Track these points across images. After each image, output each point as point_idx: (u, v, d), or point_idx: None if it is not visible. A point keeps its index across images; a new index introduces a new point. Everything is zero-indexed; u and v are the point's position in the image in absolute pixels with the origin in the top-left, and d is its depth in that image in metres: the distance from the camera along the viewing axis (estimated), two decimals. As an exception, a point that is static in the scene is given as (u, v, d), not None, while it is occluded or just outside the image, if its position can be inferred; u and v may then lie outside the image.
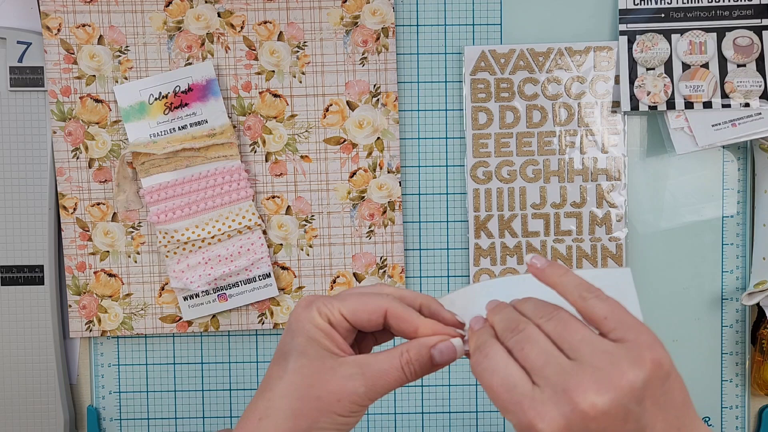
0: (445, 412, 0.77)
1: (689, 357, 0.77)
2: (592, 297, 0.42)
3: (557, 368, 0.40)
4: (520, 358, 0.41)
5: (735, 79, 0.72)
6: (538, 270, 0.44)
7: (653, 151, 0.76)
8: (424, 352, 0.46)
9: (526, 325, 0.42)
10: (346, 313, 0.46)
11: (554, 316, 0.42)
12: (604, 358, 0.39)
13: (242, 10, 0.73)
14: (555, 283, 0.44)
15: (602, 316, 0.41)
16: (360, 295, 0.47)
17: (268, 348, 0.77)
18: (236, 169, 0.73)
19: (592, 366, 0.39)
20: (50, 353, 0.74)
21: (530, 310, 0.43)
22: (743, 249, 0.76)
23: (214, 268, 0.73)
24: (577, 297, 0.42)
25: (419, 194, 0.76)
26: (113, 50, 0.73)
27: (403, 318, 0.46)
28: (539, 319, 0.42)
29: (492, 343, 0.43)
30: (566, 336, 0.41)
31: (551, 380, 0.39)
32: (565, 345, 0.41)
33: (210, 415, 0.77)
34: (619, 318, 0.41)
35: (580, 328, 0.41)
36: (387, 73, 0.73)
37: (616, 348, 0.40)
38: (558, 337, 0.41)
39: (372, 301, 0.47)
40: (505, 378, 0.41)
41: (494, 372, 0.41)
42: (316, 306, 0.46)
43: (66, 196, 0.74)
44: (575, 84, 0.74)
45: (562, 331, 0.41)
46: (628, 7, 0.73)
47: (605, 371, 0.39)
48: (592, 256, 0.75)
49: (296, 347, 0.46)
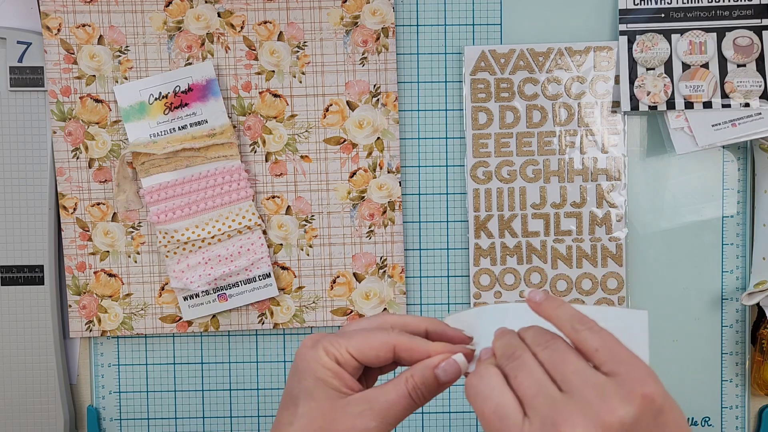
0: (445, 412, 0.77)
1: (689, 357, 0.77)
2: (584, 329, 0.42)
3: (548, 399, 0.39)
4: (514, 386, 0.41)
5: (735, 79, 0.72)
6: (536, 304, 0.44)
7: (653, 151, 0.76)
8: (429, 374, 0.46)
9: (523, 352, 0.42)
10: (353, 351, 0.46)
11: (550, 345, 0.42)
12: (594, 392, 0.39)
13: (242, 10, 0.73)
14: (550, 316, 0.44)
15: (593, 348, 0.41)
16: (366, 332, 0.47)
17: (268, 348, 0.77)
18: (236, 169, 0.73)
19: (582, 400, 0.38)
20: (50, 353, 0.74)
21: (530, 338, 0.43)
22: (743, 249, 0.76)
23: (214, 268, 0.73)
24: (569, 329, 0.42)
25: (419, 194, 0.76)
26: (113, 50, 0.73)
27: (414, 349, 0.46)
28: (536, 347, 0.42)
29: (488, 368, 0.42)
30: (560, 366, 0.40)
31: (541, 412, 0.39)
32: (558, 375, 0.40)
33: (210, 415, 0.77)
34: (610, 351, 0.40)
35: (573, 360, 0.40)
36: (387, 73, 0.73)
37: (607, 382, 0.39)
38: (552, 367, 0.41)
39: (378, 338, 0.46)
40: (498, 406, 0.40)
41: (487, 398, 0.41)
42: (322, 345, 0.46)
43: (66, 196, 0.74)
44: (575, 84, 0.74)
45: (556, 361, 0.41)
46: (628, 7, 0.73)
47: (595, 406, 0.38)
48: (592, 256, 0.75)
49: (304, 390, 0.46)
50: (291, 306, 0.75)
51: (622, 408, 0.38)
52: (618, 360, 0.40)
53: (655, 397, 0.39)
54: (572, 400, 0.39)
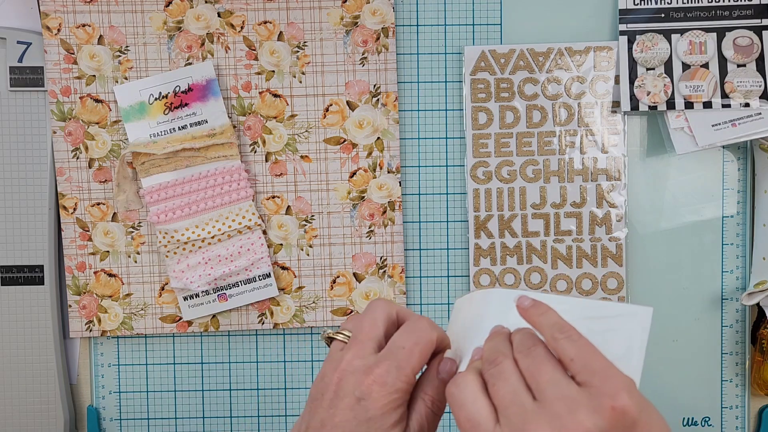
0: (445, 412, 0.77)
1: (689, 357, 0.77)
2: (563, 338, 0.41)
3: (520, 409, 0.39)
4: (492, 393, 0.41)
5: (735, 79, 0.72)
6: (523, 310, 0.44)
7: (653, 151, 0.76)
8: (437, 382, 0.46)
9: (504, 358, 0.42)
10: (417, 368, 0.45)
11: (531, 352, 0.42)
12: (564, 404, 0.38)
13: (242, 10, 0.73)
14: (534, 323, 0.44)
15: (569, 357, 0.41)
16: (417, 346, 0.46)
17: (268, 348, 0.77)
18: (236, 169, 0.73)
19: (551, 411, 0.38)
20: (50, 353, 0.74)
21: (516, 342, 0.43)
22: (743, 249, 0.76)
23: (214, 268, 0.73)
24: (549, 337, 0.42)
25: (419, 194, 0.76)
26: (113, 50, 0.73)
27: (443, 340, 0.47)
28: (518, 354, 0.42)
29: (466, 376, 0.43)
30: (536, 375, 0.40)
31: (512, 421, 0.39)
32: (533, 384, 0.40)
33: (210, 415, 0.77)
34: (585, 361, 0.40)
35: (549, 369, 0.40)
36: (387, 73, 0.73)
37: (579, 393, 0.39)
38: (529, 376, 0.41)
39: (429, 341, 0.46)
40: (471, 413, 0.41)
41: (462, 405, 0.41)
42: (403, 373, 0.44)
43: (66, 196, 0.74)
44: (575, 84, 0.74)
45: (534, 370, 0.41)
46: (628, 7, 0.73)
47: (563, 419, 0.38)
48: (592, 256, 0.75)
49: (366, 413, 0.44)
50: (291, 306, 0.75)
51: (589, 421, 0.38)
52: (591, 371, 0.40)
53: (627, 410, 0.38)
54: (543, 411, 0.39)
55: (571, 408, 0.38)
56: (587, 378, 0.40)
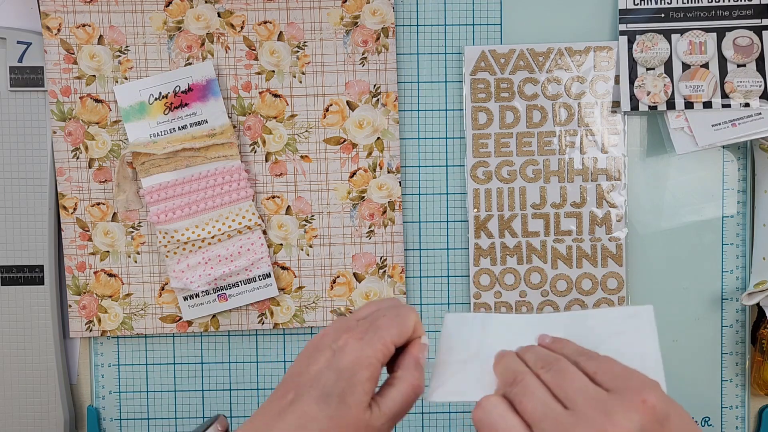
0: (445, 412, 0.77)
1: (689, 357, 0.77)
2: (585, 359, 0.43)
3: (554, 420, 0.40)
4: (520, 410, 0.42)
5: (735, 79, 0.72)
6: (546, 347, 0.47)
7: (653, 151, 0.76)
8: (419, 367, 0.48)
9: (525, 375, 0.43)
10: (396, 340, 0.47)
11: (554, 366, 0.43)
12: (598, 409, 0.39)
13: (242, 10, 0.73)
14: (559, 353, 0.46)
15: (592, 371, 0.42)
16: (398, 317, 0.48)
17: (268, 348, 0.77)
18: (236, 169, 0.73)
19: (587, 417, 0.39)
20: (50, 353, 0.74)
21: (531, 360, 0.45)
22: (743, 249, 0.76)
23: (214, 268, 0.73)
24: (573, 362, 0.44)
25: (419, 194, 0.76)
26: (113, 50, 0.73)
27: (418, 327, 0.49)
28: (539, 369, 0.43)
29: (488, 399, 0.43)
30: (563, 385, 0.41)
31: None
32: (561, 394, 0.41)
33: (210, 415, 0.77)
34: (607, 370, 0.42)
35: (576, 378, 0.42)
36: (387, 73, 0.73)
37: (609, 397, 0.40)
38: (555, 386, 0.42)
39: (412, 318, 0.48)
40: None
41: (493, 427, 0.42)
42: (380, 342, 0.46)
43: (66, 196, 0.74)
44: (575, 84, 0.74)
45: (560, 380, 0.42)
46: (628, 7, 0.73)
47: (599, 420, 0.39)
48: (592, 256, 0.75)
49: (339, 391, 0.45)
50: (291, 306, 0.75)
51: (625, 419, 0.39)
52: (614, 376, 0.41)
53: (656, 405, 0.39)
54: (578, 418, 0.39)
55: (606, 411, 0.39)
56: (612, 383, 0.41)
